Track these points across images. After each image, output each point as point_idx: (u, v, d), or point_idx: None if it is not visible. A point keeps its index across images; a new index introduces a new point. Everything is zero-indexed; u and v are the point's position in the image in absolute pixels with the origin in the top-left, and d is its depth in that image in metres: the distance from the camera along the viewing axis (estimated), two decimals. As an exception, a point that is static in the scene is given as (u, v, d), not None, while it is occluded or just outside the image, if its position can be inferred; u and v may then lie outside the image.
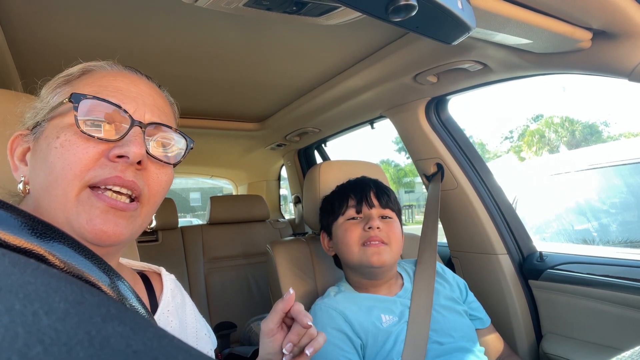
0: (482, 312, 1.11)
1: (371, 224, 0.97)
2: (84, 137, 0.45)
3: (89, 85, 0.49)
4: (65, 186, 0.44)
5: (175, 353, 0.15)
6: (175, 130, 0.53)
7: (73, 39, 1.05)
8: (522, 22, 0.79)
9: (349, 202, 1.03)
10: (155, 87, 0.56)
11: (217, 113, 1.91)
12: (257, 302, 2.21)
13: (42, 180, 0.46)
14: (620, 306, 1.03)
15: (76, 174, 0.44)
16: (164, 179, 0.51)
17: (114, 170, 0.45)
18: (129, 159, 0.45)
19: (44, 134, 0.47)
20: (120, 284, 0.25)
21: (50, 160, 0.45)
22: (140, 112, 0.49)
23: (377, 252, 0.95)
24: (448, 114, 1.44)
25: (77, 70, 0.52)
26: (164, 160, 0.51)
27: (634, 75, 0.85)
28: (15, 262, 0.16)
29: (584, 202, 2.20)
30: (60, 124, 0.46)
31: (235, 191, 3.55)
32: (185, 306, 0.66)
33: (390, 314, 0.97)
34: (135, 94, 0.50)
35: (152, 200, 0.50)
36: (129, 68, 0.54)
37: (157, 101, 0.53)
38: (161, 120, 0.52)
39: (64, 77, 0.52)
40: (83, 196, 0.44)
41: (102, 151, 0.45)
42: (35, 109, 0.51)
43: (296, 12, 0.72)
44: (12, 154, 0.51)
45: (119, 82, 0.50)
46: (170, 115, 0.56)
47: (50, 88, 0.52)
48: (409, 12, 0.57)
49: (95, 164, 0.45)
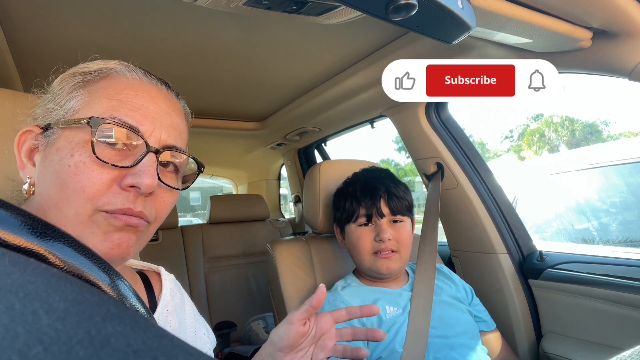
0: (487, 316, 1.12)
1: (382, 236, 0.99)
2: (98, 162, 0.45)
3: (108, 98, 0.48)
4: (78, 207, 0.44)
5: (175, 352, 0.15)
6: (188, 155, 0.54)
7: (73, 39, 1.05)
8: (522, 22, 0.79)
9: (359, 210, 1.04)
10: (174, 99, 0.55)
11: (217, 112, 1.91)
12: (257, 302, 2.21)
13: (52, 193, 0.45)
14: (620, 305, 1.03)
15: (89, 198, 0.44)
16: (169, 202, 0.52)
17: (126, 200, 0.45)
18: (140, 190, 0.46)
19: (57, 144, 0.47)
20: (120, 283, 0.25)
21: (62, 177, 0.45)
22: (156, 134, 0.49)
23: (387, 262, 1.00)
24: (448, 113, 1.44)
25: (95, 70, 0.50)
26: (173, 187, 0.51)
27: (634, 74, 0.85)
28: (16, 262, 0.16)
29: (584, 202, 2.20)
30: (75, 139, 0.46)
31: (235, 190, 3.55)
32: (185, 306, 0.66)
33: (394, 305, 0.99)
34: (154, 114, 0.49)
35: (158, 221, 0.51)
36: (148, 75, 0.53)
37: (174, 120, 0.52)
38: (176, 142, 0.52)
39: (81, 77, 0.50)
40: (99, 218, 0.45)
41: (115, 178, 0.45)
42: (47, 109, 0.50)
43: (296, 11, 0.72)
44: (20, 150, 0.50)
45: (139, 98, 0.49)
46: (184, 133, 0.55)
47: (65, 87, 0.50)
48: (409, 11, 0.57)
49: (108, 190, 0.45)
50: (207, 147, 2.46)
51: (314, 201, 1.24)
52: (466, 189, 1.35)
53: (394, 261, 1.01)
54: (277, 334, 0.60)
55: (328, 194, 1.23)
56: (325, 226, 1.23)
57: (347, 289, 1.03)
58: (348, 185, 1.11)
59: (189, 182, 0.55)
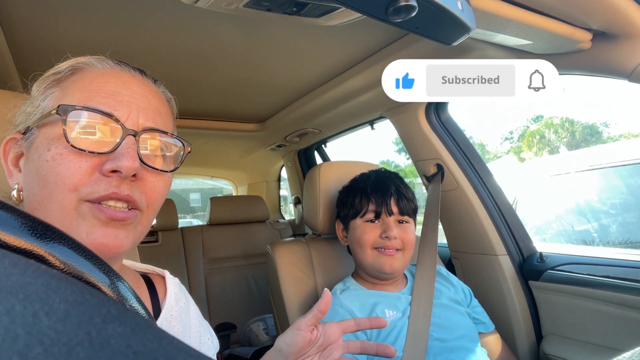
0: (486, 318, 1.12)
1: (388, 233, 0.99)
2: (75, 151, 0.44)
3: (79, 90, 0.47)
4: (61, 200, 0.43)
5: (176, 354, 0.15)
6: (171, 135, 0.52)
7: (73, 40, 1.06)
8: (522, 23, 0.79)
9: (369, 206, 1.03)
10: (150, 84, 0.53)
11: (217, 114, 1.91)
12: (257, 303, 2.21)
13: (36, 192, 0.45)
14: (620, 307, 1.03)
15: (70, 189, 0.43)
16: (161, 186, 0.50)
17: (109, 186, 0.44)
18: (122, 174, 0.44)
19: (35, 143, 0.46)
20: (120, 284, 0.25)
21: (42, 173, 0.44)
22: (133, 117, 0.47)
23: (391, 260, 0.99)
24: (448, 114, 1.44)
25: (66, 67, 0.50)
26: (159, 169, 0.49)
27: (634, 76, 0.85)
28: (16, 263, 0.16)
29: (584, 203, 2.20)
30: (51, 134, 0.45)
31: (235, 192, 3.55)
32: (190, 310, 0.65)
33: (394, 309, 0.99)
34: (129, 97, 0.48)
35: (151, 208, 0.49)
36: (120, 64, 0.52)
37: (151, 102, 0.51)
38: (156, 124, 0.50)
39: (54, 76, 0.50)
40: (83, 209, 0.44)
41: (95, 165, 0.44)
42: (26, 112, 0.49)
43: (296, 13, 0.72)
44: (6, 159, 0.49)
45: (111, 84, 0.48)
46: (167, 116, 0.54)
47: (40, 88, 0.50)
48: (409, 13, 0.57)
49: (90, 178, 0.44)
50: (207, 149, 2.46)
51: (314, 202, 1.24)
52: (466, 190, 1.35)
53: (398, 260, 1.00)
54: (284, 340, 0.59)
55: (328, 195, 1.23)
56: (325, 227, 1.23)
57: (346, 293, 1.03)
58: (358, 182, 1.10)
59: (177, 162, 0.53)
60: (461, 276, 1.43)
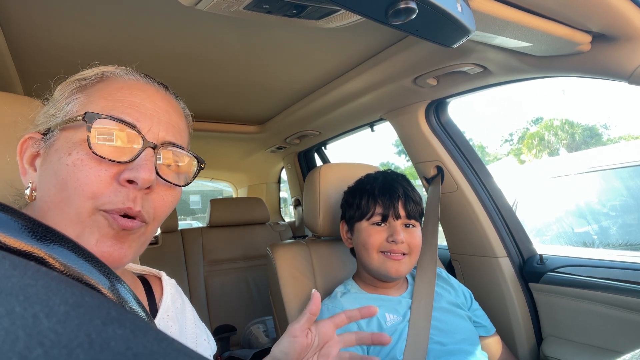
0: (487, 321, 1.11)
1: (395, 238, 0.97)
2: (96, 158, 0.45)
3: (105, 98, 0.48)
4: (78, 206, 0.44)
5: (175, 355, 0.15)
6: (187, 152, 0.53)
7: (73, 43, 1.06)
8: (521, 25, 0.79)
9: (376, 209, 1.01)
10: (172, 99, 0.55)
11: (217, 116, 1.92)
12: (257, 305, 2.21)
13: (52, 194, 0.45)
14: (620, 309, 1.03)
15: (89, 196, 0.44)
16: (169, 200, 0.51)
17: (126, 199, 0.45)
18: (137, 185, 0.45)
19: (56, 145, 0.47)
20: (120, 286, 0.25)
21: (61, 176, 0.45)
22: (154, 130, 0.49)
23: (397, 265, 0.98)
24: (448, 116, 1.44)
25: (93, 75, 0.51)
26: (173, 183, 0.51)
27: (633, 78, 0.86)
28: (16, 265, 0.16)
29: (584, 205, 2.20)
30: (73, 139, 0.46)
31: (235, 194, 3.55)
32: (185, 311, 0.65)
33: (394, 313, 0.99)
34: (152, 111, 0.50)
35: (156, 221, 0.51)
36: (146, 77, 0.54)
37: (172, 117, 0.52)
38: (175, 139, 0.51)
39: (79, 82, 0.51)
40: (98, 218, 0.45)
41: (113, 175, 0.45)
42: (48, 114, 0.50)
43: (296, 15, 0.72)
44: (22, 157, 0.50)
45: (136, 96, 0.49)
46: (185, 132, 0.55)
47: (64, 92, 0.51)
48: (408, 15, 0.57)
49: (108, 189, 0.45)
50: (207, 150, 2.47)
51: (314, 204, 1.24)
52: (466, 192, 1.35)
53: (404, 264, 0.99)
54: (280, 349, 0.59)
55: (328, 197, 1.23)
56: (325, 229, 1.23)
57: (346, 296, 1.02)
58: (364, 183, 1.08)
59: (189, 178, 0.55)
60: (461, 278, 1.43)
